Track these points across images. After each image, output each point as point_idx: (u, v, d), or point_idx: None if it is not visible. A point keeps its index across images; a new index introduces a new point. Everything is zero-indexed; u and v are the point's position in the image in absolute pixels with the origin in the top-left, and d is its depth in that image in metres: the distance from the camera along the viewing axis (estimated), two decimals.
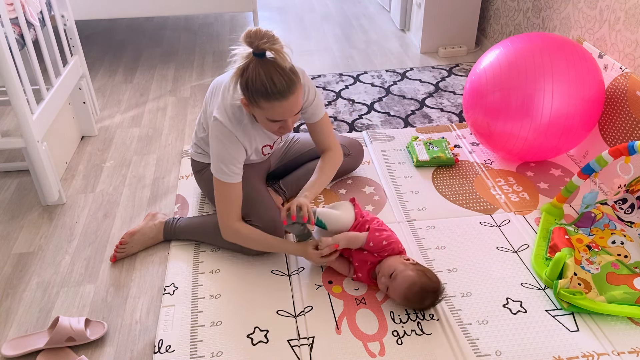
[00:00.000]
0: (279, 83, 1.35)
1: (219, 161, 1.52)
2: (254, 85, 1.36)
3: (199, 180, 1.83)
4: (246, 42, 1.35)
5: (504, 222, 1.80)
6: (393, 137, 2.31)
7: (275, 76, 1.35)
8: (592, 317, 1.45)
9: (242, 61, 1.38)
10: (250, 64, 1.36)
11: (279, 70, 1.35)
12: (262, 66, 1.35)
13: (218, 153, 1.52)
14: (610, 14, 2.01)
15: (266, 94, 1.36)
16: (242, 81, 1.39)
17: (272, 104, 1.39)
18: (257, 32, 1.33)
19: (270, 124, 1.47)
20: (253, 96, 1.39)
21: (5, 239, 1.80)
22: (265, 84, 1.35)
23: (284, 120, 1.46)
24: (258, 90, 1.36)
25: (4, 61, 1.62)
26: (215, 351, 1.38)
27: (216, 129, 1.51)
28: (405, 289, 1.43)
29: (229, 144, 1.51)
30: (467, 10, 3.07)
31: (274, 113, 1.42)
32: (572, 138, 1.91)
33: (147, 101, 2.70)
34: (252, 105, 1.43)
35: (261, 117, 1.46)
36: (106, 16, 2.90)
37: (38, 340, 1.41)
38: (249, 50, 1.36)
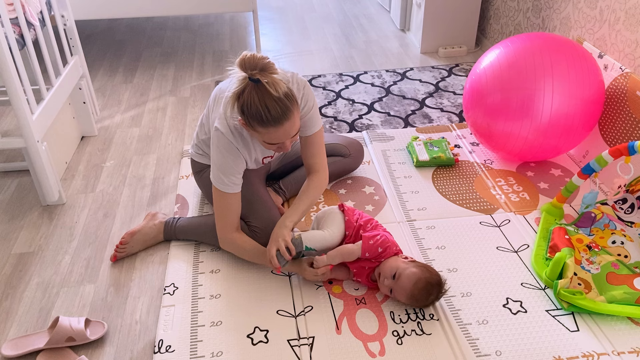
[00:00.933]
0: (273, 110, 1.34)
1: (219, 171, 1.52)
2: (249, 111, 1.35)
3: (199, 181, 1.83)
4: (241, 69, 1.34)
5: (504, 222, 1.80)
6: (393, 137, 2.31)
7: (269, 103, 1.33)
8: (592, 317, 1.45)
9: (238, 84, 1.36)
10: (246, 89, 1.35)
11: (274, 98, 1.33)
12: (257, 92, 1.33)
13: (218, 163, 1.52)
14: (610, 14, 2.01)
15: (261, 120, 1.35)
16: (239, 105, 1.38)
17: (268, 129, 1.38)
18: (252, 59, 1.33)
19: (267, 145, 1.47)
20: (249, 120, 1.38)
21: (5, 239, 1.80)
22: (260, 111, 1.34)
23: (281, 142, 1.45)
24: (253, 116, 1.36)
25: (4, 61, 1.62)
26: (215, 351, 1.38)
27: (217, 139, 1.51)
28: (411, 287, 1.43)
29: (229, 155, 1.51)
30: (467, 10, 3.07)
31: (269, 137, 1.42)
32: (572, 138, 1.91)
33: (147, 101, 2.70)
34: (249, 127, 1.42)
35: (258, 139, 1.46)
36: (106, 16, 2.90)
37: (38, 340, 1.41)
38: (244, 74, 1.35)
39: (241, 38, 3.49)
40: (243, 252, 1.60)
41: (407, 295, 1.44)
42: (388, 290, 1.48)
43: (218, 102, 1.59)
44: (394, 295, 1.48)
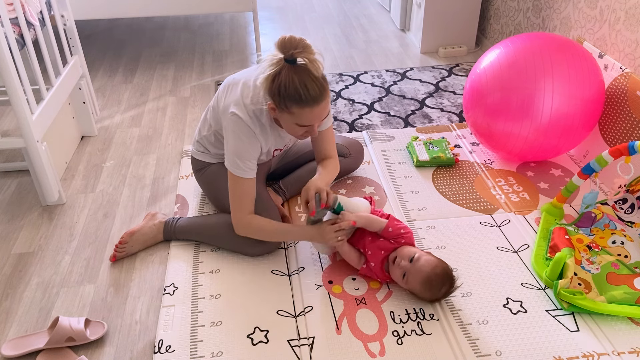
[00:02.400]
0: (312, 90, 1.37)
1: (234, 156, 1.52)
2: (287, 91, 1.37)
3: (199, 179, 1.83)
4: (280, 49, 1.37)
5: (504, 222, 1.80)
6: (393, 137, 2.31)
7: (308, 83, 1.37)
8: (592, 317, 1.45)
9: (271, 67, 1.38)
10: (283, 70, 1.37)
11: (312, 77, 1.37)
12: (296, 72, 1.36)
13: (234, 148, 1.52)
14: (610, 14, 2.01)
15: (299, 100, 1.38)
16: (274, 87, 1.39)
17: (304, 109, 1.40)
18: (292, 39, 1.36)
19: (296, 128, 1.48)
20: (284, 102, 1.40)
21: (5, 239, 1.79)
22: (299, 91, 1.36)
23: (310, 125, 1.47)
24: (291, 96, 1.38)
25: (4, 61, 1.62)
26: (215, 351, 1.37)
27: (234, 124, 1.51)
28: (429, 270, 1.43)
29: (246, 139, 1.51)
30: (467, 10, 3.07)
31: (304, 118, 1.43)
32: (572, 138, 1.91)
33: (147, 101, 2.70)
34: (281, 110, 1.43)
35: (289, 122, 1.47)
36: (106, 16, 2.90)
37: (38, 340, 1.41)
38: (279, 57, 1.37)
39: (241, 38, 3.49)
40: (262, 233, 1.60)
41: (423, 278, 1.43)
42: (401, 275, 1.46)
43: (232, 90, 1.58)
44: (406, 280, 1.46)
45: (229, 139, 1.53)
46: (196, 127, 2.42)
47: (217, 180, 1.74)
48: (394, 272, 1.50)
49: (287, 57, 1.36)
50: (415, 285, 1.46)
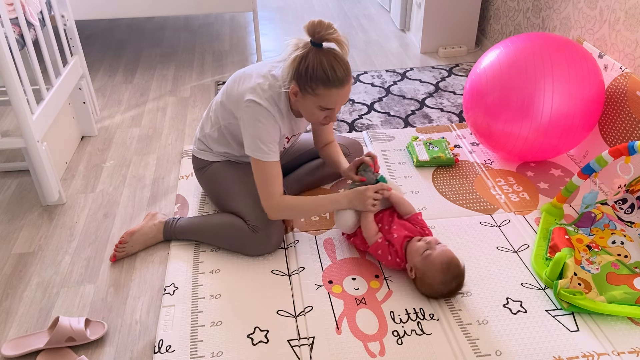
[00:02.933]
0: (339, 71, 1.42)
1: (257, 141, 1.52)
2: (315, 73, 1.41)
3: (200, 178, 1.83)
4: (309, 31, 1.42)
5: (504, 222, 1.80)
6: (393, 137, 2.31)
7: (335, 64, 1.42)
8: (592, 317, 1.45)
9: (296, 50, 1.44)
10: (310, 53, 1.42)
11: (338, 59, 1.43)
12: (323, 55, 1.42)
13: (256, 133, 1.52)
14: (610, 14, 2.01)
15: (327, 81, 1.42)
16: (302, 68, 1.43)
17: (330, 91, 1.44)
18: (321, 23, 1.41)
19: (318, 112, 1.51)
20: (311, 83, 1.43)
21: (5, 239, 1.80)
22: (326, 72, 1.41)
23: (331, 110, 1.51)
24: (319, 78, 1.42)
25: (4, 61, 1.62)
26: (215, 351, 1.38)
27: (253, 110, 1.51)
28: (452, 256, 1.47)
29: (267, 123, 1.52)
30: (467, 10, 3.07)
31: (329, 100, 1.47)
32: (572, 138, 1.91)
33: (147, 101, 2.70)
34: (305, 92, 1.47)
35: (311, 106, 1.50)
36: (106, 16, 2.90)
37: (38, 340, 1.41)
38: (305, 41, 1.43)
39: (241, 38, 3.49)
40: (297, 212, 1.62)
41: (442, 264, 1.45)
42: (422, 251, 1.48)
43: (243, 81, 1.59)
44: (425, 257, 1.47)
45: (248, 126, 1.53)
46: (197, 126, 2.43)
47: (218, 179, 1.74)
48: (415, 248, 1.50)
49: (315, 40, 1.42)
50: (433, 265, 1.46)
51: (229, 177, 1.72)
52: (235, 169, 1.74)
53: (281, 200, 1.57)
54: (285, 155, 1.93)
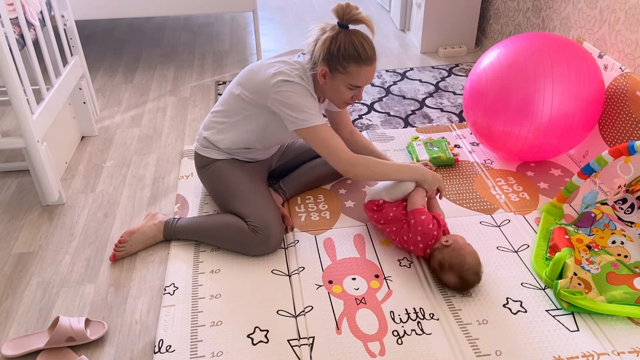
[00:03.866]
0: (369, 49, 1.52)
1: (302, 109, 1.55)
2: (347, 51, 1.49)
3: (203, 176, 1.81)
4: (338, 13, 1.51)
5: (504, 222, 1.80)
6: (393, 137, 2.31)
7: (365, 43, 1.51)
8: (592, 317, 1.45)
9: (324, 33, 1.52)
10: (339, 34, 1.50)
11: (365, 39, 1.52)
12: (353, 35, 1.51)
13: (298, 104, 1.55)
14: (610, 14, 2.01)
15: (358, 58, 1.50)
16: (333, 48, 1.50)
17: (361, 68, 1.52)
18: (349, 6, 1.50)
19: (346, 92, 1.58)
20: (342, 62, 1.51)
21: (5, 239, 1.80)
22: (358, 50, 1.50)
23: (358, 89, 1.59)
24: (350, 56, 1.50)
25: (4, 61, 1.62)
26: (215, 351, 1.38)
27: (288, 87, 1.55)
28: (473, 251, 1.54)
29: (304, 94, 1.56)
30: (467, 10, 3.07)
31: (359, 78, 1.55)
32: (572, 138, 1.91)
33: (147, 101, 2.70)
34: (336, 72, 1.53)
35: (340, 85, 1.57)
36: (106, 16, 2.90)
37: (38, 340, 1.41)
38: (331, 24, 1.53)
39: (241, 38, 3.49)
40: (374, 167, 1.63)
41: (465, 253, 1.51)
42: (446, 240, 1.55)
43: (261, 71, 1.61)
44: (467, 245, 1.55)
45: (291, 100, 1.55)
46: (199, 126, 2.43)
47: (221, 178, 1.73)
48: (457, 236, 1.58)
49: (343, 21, 1.51)
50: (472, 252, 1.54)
51: (232, 176, 1.72)
52: (238, 168, 1.73)
53: (354, 155, 1.61)
54: (285, 154, 1.94)
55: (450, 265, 1.50)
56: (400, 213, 1.64)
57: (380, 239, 1.75)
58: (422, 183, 1.66)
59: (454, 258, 1.51)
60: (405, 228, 1.61)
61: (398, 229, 1.63)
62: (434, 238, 1.57)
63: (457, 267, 1.49)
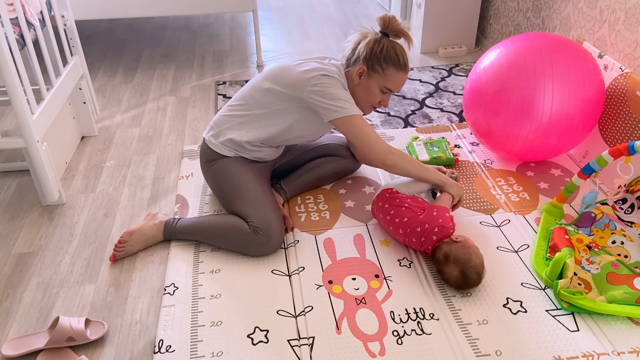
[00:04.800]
0: (406, 59, 1.65)
1: (341, 99, 1.61)
2: (389, 54, 1.62)
3: (208, 170, 1.77)
4: (383, 23, 1.64)
5: (504, 222, 1.80)
6: (393, 137, 2.31)
7: (404, 53, 1.65)
8: (592, 317, 1.45)
9: (366, 37, 1.64)
10: (383, 39, 1.63)
11: (403, 50, 1.65)
12: (394, 43, 1.64)
13: (336, 95, 1.61)
14: (610, 14, 2.01)
15: (397, 63, 1.63)
16: (377, 48, 1.62)
17: (398, 72, 1.64)
18: (394, 19, 1.64)
19: (378, 94, 1.68)
20: (382, 63, 1.62)
21: (5, 239, 1.80)
22: (398, 55, 1.63)
23: (388, 94, 1.69)
24: (392, 59, 1.62)
25: (4, 61, 1.62)
26: (215, 351, 1.38)
27: (327, 81, 1.61)
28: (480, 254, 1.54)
29: (342, 88, 1.65)
30: (467, 10, 3.07)
31: (393, 82, 1.66)
32: (572, 138, 1.91)
33: (147, 101, 2.70)
34: (374, 72, 1.64)
35: (374, 86, 1.66)
36: (106, 16, 2.90)
37: (38, 340, 1.41)
38: (375, 31, 1.65)
39: (241, 38, 3.49)
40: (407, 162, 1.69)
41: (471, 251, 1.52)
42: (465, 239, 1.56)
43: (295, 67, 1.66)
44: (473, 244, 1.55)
45: (325, 93, 1.60)
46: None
47: (226, 175, 1.72)
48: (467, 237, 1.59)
49: (387, 30, 1.63)
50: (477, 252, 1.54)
51: (236, 175, 1.71)
52: (243, 168, 1.72)
53: (388, 145, 1.67)
54: (286, 154, 1.93)
55: (456, 259, 1.50)
56: (418, 203, 1.67)
57: (381, 239, 1.75)
58: (447, 188, 1.72)
59: (461, 253, 1.51)
60: (421, 219, 1.60)
61: (410, 219, 1.62)
62: (448, 235, 1.57)
63: (462, 262, 1.50)
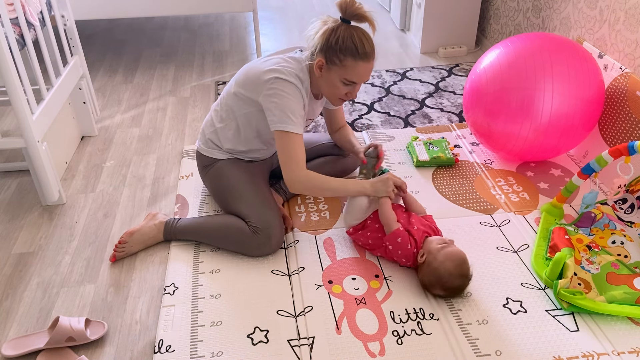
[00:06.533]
0: (367, 46, 1.51)
1: (286, 112, 1.54)
2: (345, 44, 1.49)
3: (205, 176, 1.81)
4: (341, 7, 1.51)
5: (504, 222, 1.80)
6: (393, 137, 2.31)
7: (364, 39, 1.50)
8: (592, 317, 1.45)
9: (325, 25, 1.53)
10: (340, 27, 1.51)
11: (365, 36, 1.51)
12: (353, 29, 1.51)
13: (285, 106, 1.54)
14: (610, 14, 2.01)
15: (355, 53, 1.50)
16: (332, 39, 1.50)
17: (357, 63, 1.51)
18: (353, 2, 1.50)
19: (341, 86, 1.57)
20: (339, 54, 1.50)
21: (5, 239, 1.80)
22: (356, 44, 1.49)
23: (354, 85, 1.57)
24: (348, 49, 1.49)
25: (4, 61, 1.62)
26: (215, 351, 1.38)
27: (279, 85, 1.54)
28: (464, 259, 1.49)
29: (294, 96, 1.55)
30: (467, 10, 3.07)
31: (354, 73, 1.53)
32: (572, 138, 1.91)
33: (147, 101, 2.70)
34: (332, 64, 1.53)
35: (335, 79, 1.55)
36: (106, 16, 2.90)
37: (38, 340, 1.41)
38: (334, 18, 1.54)
39: (241, 38, 3.49)
40: (322, 187, 1.62)
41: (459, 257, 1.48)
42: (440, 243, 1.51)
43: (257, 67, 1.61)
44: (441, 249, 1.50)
45: (277, 100, 1.54)
46: (199, 125, 2.43)
47: (222, 178, 1.73)
48: (434, 240, 1.54)
49: (346, 15, 1.51)
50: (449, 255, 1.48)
51: (234, 176, 1.72)
52: (240, 169, 1.73)
53: (307, 174, 1.59)
54: None
55: (431, 283, 1.50)
56: (376, 238, 1.62)
57: None
58: (374, 194, 1.62)
59: (430, 275, 1.49)
60: (388, 251, 1.59)
61: (382, 252, 1.63)
62: (413, 256, 1.55)
63: (437, 282, 1.48)
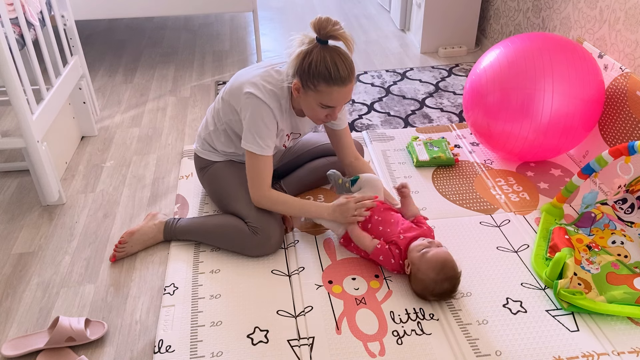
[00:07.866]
0: (342, 69, 1.42)
1: (255, 135, 1.54)
2: (317, 69, 1.41)
3: (202, 178, 1.82)
4: (315, 28, 1.42)
5: (504, 222, 1.80)
6: (393, 137, 2.31)
7: (339, 62, 1.41)
8: (592, 317, 1.45)
9: (302, 46, 1.44)
10: (314, 49, 1.42)
11: (342, 58, 1.42)
12: (327, 51, 1.42)
13: (254, 127, 1.53)
14: (610, 14, 2.01)
15: (329, 78, 1.42)
16: (305, 63, 1.43)
17: (332, 88, 1.44)
18: (328, 20, 1.41)
19: (319, 110, 1.51)
20: (313, 79, 1.43)
21: (5, 239, 1.80)
22: (329, 69, 1.41)
23: (332, 108, 1.51)
24: (321, 74, 1.42)
25: (4, 61, 1.62)
26: (215, 351, 1.38)
27: (252, 103, 1.52)
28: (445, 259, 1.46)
29: (265, 117, 1.53)
30: (467, 10, 3.07)
31: (329, 98, 1.47)
32: (572, 138, 1.91)
33: (147, 101, 2.70)
34: (307, 89, 1.47)
35: (312, 102, 1.50)
36: (106, 16, 2.90)
37: (38, 340, 1.41)
38: (311, 37, 1.44)
39: (241, 38, 3.49)
40: (281, 206, 1.62)
41: (439, 260, 1.45)
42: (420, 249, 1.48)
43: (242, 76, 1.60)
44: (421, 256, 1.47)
45: (248, 118, 1.54)
46: (199, 126, 2.43)
47: (220, 179, 1.73)
48: (415, 244, 1.51)
49: (321, 36, 1.42)
50: (428, 262, 1.45)
51: (231, 178, 1.72)
52: (237, 170, 1.74)
53: (269, 193, 1.60)
54: (286, 154, 1.93)
55: (422, 293, 1.50)
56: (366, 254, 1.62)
57: None
58: (338, 220, 1.61)
59: (418, 286, 1.49)
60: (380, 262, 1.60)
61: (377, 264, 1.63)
62: (402, 267, 1.55)
63: (427, 291, 1.48)
